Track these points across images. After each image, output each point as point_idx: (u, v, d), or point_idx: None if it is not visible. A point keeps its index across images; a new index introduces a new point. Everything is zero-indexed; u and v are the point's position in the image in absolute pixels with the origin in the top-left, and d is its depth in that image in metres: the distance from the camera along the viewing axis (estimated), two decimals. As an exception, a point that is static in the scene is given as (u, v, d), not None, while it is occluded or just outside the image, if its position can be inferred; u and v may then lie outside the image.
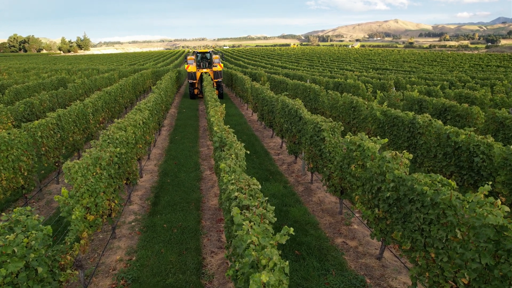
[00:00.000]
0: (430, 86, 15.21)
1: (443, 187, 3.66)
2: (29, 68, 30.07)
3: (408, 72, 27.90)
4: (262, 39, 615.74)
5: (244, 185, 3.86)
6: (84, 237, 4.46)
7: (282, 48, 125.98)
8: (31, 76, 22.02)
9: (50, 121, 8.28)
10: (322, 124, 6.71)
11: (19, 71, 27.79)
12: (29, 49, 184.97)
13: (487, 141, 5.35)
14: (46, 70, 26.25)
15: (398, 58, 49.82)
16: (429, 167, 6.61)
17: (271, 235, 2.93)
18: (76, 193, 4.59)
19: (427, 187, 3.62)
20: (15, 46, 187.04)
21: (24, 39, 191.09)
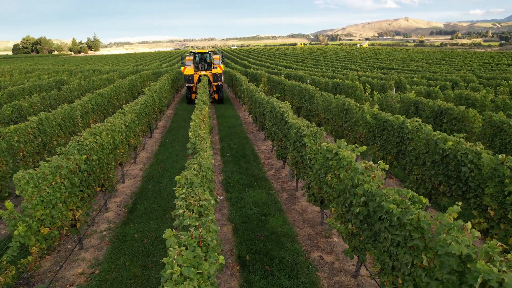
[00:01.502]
0: (432, 86, 14.65)
1: (412, 205, 3.28)
2: (32, 70, 30.30)
3: (414, 71, 27.18)
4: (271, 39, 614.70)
5: (194, 200, 3.53)
6: (33, 252, 4.20)
7: (290, 48, 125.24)
8: (31, 77, 22.07)
9: (30, 125, 8.09)
10: (303, 129, 6.34)
11: (22, 72, 27.99)
12: (41, 50, 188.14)
13: (476, 149, 4.92)
14: (48, 72, 26.36)
15: (406, 57, 48.79)
16: (418, 175, 6.18)
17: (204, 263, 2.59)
18: (27, 205, 4.34)
19: (394, 205, 3.24)
20: (28, 48, 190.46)
21: (37, 41, 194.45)
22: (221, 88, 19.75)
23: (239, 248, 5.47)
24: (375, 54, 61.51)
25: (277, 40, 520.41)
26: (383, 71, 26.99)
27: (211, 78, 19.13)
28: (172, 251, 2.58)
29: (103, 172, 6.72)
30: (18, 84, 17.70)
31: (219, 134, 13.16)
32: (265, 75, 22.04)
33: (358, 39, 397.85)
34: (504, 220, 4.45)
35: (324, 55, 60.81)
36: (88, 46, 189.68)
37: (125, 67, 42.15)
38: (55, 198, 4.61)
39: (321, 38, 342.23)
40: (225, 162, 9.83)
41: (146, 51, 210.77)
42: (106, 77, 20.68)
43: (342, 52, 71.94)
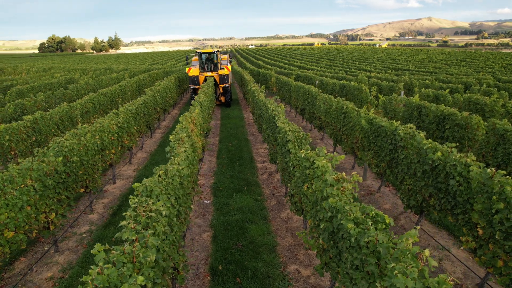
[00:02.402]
0: (443, 89, 14.01)
1: (374, 224, 2.99)
2: (49, 68, 31.12)
3: (430, 73, 26.23)
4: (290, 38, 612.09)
5: (143, 211, 3.35)
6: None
7: (307, 48, 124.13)
8: (45, 76, 22.58)
9: (23, 124, 8.15)
10: (288, 134, 6.07)
11: (39, 71, 28.74)
12: (65, 49, 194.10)
13: (465, 160, 4.53)
14: (63, 70, 26.94)
15: (424, 58, 47.27)
16: (409, 185, 5.80)
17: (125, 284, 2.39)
18: (-10, 208, 4.27)
19: (352, 225, 2.95)
20: (53, 46, 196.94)
21: (61, 40, 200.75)
22: (228, 91, 18.45)
23: (214, 257, 5.27)
24: (393, 54, 59.98)
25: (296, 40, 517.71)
26: (397, 73, 26.18)
27: (218, 80, 17.90)
28: (92, 270, 2.40)
29: (87, 173, 6.66)
30: (30, 82, 18.10)
31: (219, 136, 13.00)
32: (274, 76, 21.76)
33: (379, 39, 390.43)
34: (492, 240, 4.06)
35: (341, 56, 59.81)
36: (109, 45, 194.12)
37: (140, 65, 42.73)
38: (21, 202, 4.53)
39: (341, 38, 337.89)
40: (220, 164, 9.65)
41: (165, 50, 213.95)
42: (116, 76, 20.90)
43: (360, 53, 70.60)
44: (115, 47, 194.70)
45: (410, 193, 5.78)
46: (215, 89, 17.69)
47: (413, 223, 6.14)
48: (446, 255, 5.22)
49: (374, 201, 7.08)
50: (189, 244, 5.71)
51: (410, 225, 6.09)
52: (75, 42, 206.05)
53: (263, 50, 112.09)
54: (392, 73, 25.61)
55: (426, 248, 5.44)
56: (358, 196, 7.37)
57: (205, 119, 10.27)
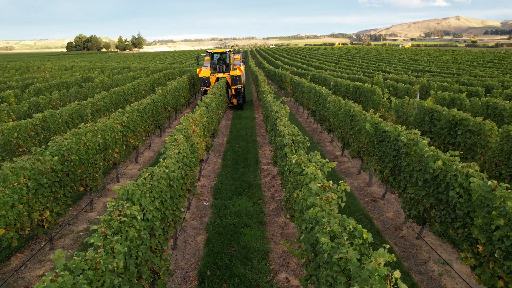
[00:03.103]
0: (463, 92, 13.38)
1: (350, 239, 2.80)
2: (71, 67, 32.10)
3: (452, 74, 25.22)
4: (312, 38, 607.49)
5: (117, 215, 3.29)
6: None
7: (327, 48, 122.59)
8: (66, 74, 23.23)
9: (32, 122, 8.35)
10: (286, 138, 5.91)
11: (61, 69, 29.66)
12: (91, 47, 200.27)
13: (467, 171, 4.24)
14: (83, 69, 27.68)
15: (448, 59, 45.57)
16: (411, 194, 5.51)
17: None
18: (-19, 205, 4.35)
19: (326, 239, 2.78)
20: (80, 45, 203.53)
21: (88, 39, 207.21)
22: (240, 93, 17.70)
23: (203, 261, 5.18)
24: (415, 55, 58.22)
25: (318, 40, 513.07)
26: (417, 74, 25.35)
27: (229, 81, 17.19)
28: (46, 277, 2.34)
29: (87, 172, 6.73)
30: (50, 81, 18.66)
31: (228, 136, 12.95)
32: (289, 76, 21.54)
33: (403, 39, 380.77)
34: (493, 258, 3.77)
35: (361, 56, 58.66)
36: (133, 44, 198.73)
37: (160, 64, 43.36)
38: (12, 200, 4.59)
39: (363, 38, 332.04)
40: (224, 166, 9.58)
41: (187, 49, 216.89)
42: (132, 75, 21.24)
43: (381, 53, 69.00)
44: (138, 46, 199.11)
45: (412, 202, 5.50)
46: (227, 91, 17.14)
47: (415, 233, 5.85)
48: (447, 270, 4.92)
49: (377, 209, 6.80)
50: (181, 246, 5.66)
51: (412, 235, 5.80)
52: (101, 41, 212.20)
53: (283, 50, 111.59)
54: (412, 75, 24.83)
55: (427, 261, 5.18)
56: (362, 203, 7.11)
57: (211, 120, 10.22)
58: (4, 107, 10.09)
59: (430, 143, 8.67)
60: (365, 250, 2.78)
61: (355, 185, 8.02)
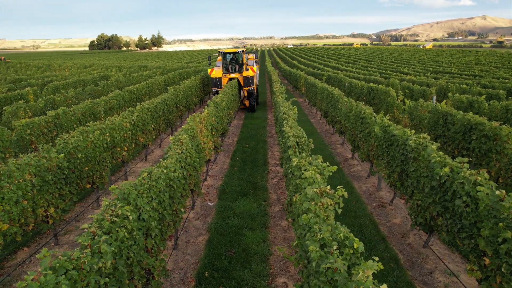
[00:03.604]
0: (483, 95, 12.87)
1: (341, 249, 2.70)
2: (90, 65, 32.88)
3: (474, 76, 24.36)
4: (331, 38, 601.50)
5: (109, 215, 3.29)
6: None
7: (346, 48, 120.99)
8: (84, 72, 23.76)
9: (45, 119, 8.55)
10: (290, 140, 5.81)
11: (80, 67, 30.41)
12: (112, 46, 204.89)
13: (475, 178, 4.03)
14: (101, 67, 28.27)
15: (471, 60, 44.05)
16: (418, 200, 5.32)
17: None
18: (-14, 200, 4.46)
19: (314, 247, 2.68)
20: (102, 44, 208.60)
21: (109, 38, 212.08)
22: (253, 94, 17.02)
23: (202, 263, 5.16)
24: (436, 56, 56.63)
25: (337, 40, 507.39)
26: (437, 76, 24.62)
27: (242, 82, 16.60)
28: (28, 275, 2.35)
29: (94, 169, 6.83)
30: (68, 78, 19.14)
31: (238, 136, 12.92)
32: (303, 77, 21.35)
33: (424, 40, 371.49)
34: (500, 272, 3.57)
35: (380, 57, 57.55)
36: (152, 43, 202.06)
37: (177, 63, 43.85)
38: (16, 196, 4.69)
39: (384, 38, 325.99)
40: (232, 166, 9.55)
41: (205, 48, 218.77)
42: (148, 74, 21.53)
43: (401, 54, 67.49)
44: (158, 44, 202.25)
45: (418, 209, 5.30)
46: (239, 92, 16.68)
47: (422, 241, 5.64)
48: (453, 282, 4.72)
49: (384, 214, 6.61)
50: (182, 247, 5.65)
51: (419, 244, 5.59)
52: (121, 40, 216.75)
53: (301, 49, 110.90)
54: (431, 76, 24.15)
55: (433, 271, 4.98)
56: (369, 208, 6.93)
57: (220, 120, 10.21)
58: (21, 104, 10.39)
59: (443, 147, 8.39)
60: (356, 260, 2.68)
61: (363, 189, 7.83)
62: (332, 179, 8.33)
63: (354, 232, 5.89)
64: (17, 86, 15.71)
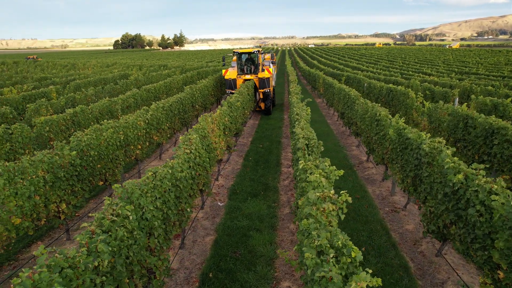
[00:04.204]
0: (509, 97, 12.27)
1: (339, 257, 2.60)
2: (113, 64, 33.74)
3: (503, 77, 23.30)
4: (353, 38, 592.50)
5: (110, 214, 3.32)
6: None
7: (368, 48, 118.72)
8: (105, 71, 24.36)
9: (63, 117, 8.81)
10: (299, 141, 5.72)
11: (103, 66, 31.22)
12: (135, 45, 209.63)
13: (491, 187, 3.82)
14: (123, 66, 28.92)
15: (501, 61, 42.16)
16: (431, 207, 5.11)
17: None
18: (1, 195, 4.62)
19: (309, 254, 2.60)
20: (126, 43, 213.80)
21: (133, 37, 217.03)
22: (269, 96, 16.12)
23: (207, 263, 5.15)
24: (462, 56, 54.63)
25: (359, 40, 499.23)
26: (462, 76, 23.73)
27: (257, 83, 15.76)
28: (23, 272, 2.39)
29: (107, 167, 6.97)
30: (90, 77, 19.68)
31: (253, 136, 12.89)
32: (322, 77, 21.08)
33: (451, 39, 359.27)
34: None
35: (403, 57, 56.10)
36: (175, 42, 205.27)
37: (198, 62, 44.33)
38: (28, 191, 4.83)
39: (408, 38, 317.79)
40: (244, 166, 9.53)
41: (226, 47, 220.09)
42: (167, 73, 21.83)
43: (425, 54, 65.56)
44: (180, 44, 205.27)
45: (431, 216, 5.10)
46: (255, 94, 16.02)
47: (435, 250, 5.42)
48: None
49: (397, 220, 6.40)
50: (189, 246, 5.67)
51: (432, 252, 5.38)
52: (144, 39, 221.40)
53: (322, 49, 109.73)
54: (456, 77, 23.29)
55: (445, 281, 4.77)
56: (382, 213, 6.74)
57: (234, 120, 10.20)
58: (43, 102, 10.75)
59: (463, 152, 8.05)
60: (354, 269, 2.58)
61: (377, 193, 7.62)
62: (345, 182, 8.17)
63: (363, 237, 5.74)
64: (42, 84, 16.29)
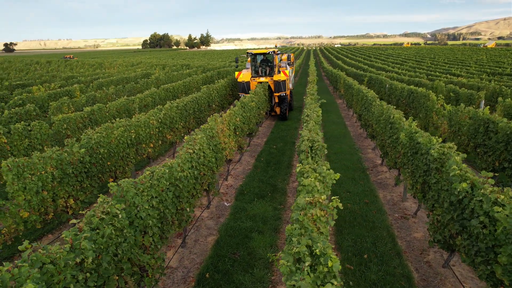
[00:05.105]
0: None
1: (316, 266, 2.52)
2: (138, 63, 34.68)
3: (538, 80, 21.93)
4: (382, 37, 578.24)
5: (100, 212, 3.39)
6: (3, 232, 4.68)
7: (395, 47, 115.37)
8: (129, 70, 25.03)
9: (80, 115, 9.13)
10: (303, 144, 5.63)
11: (128, 65, 32.12)
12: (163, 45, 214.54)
13: (496, 197, 3.59)
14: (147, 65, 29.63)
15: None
16: (438, 215, 4.87)
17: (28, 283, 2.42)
18: (9, 190, 4.85)
19: (284, 261, 2.54)
20: (154, 43, 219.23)
21: (161, 37, 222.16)
22: (285, 100, 14.91)
23: (206, 263, 5.17)
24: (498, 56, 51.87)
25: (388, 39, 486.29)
26: (494, 78, 22.54)
27: (272, 87, 14.58)
28: (3, 266, 2.48)
29: (117, 164, 7.15)
30: (115, 76, 20.30)
31: (268, 137, 12.84)
32: (343, 77, 20.70)
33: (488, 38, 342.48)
34: (516, 304, 3.15)
35: (432, 57, 54.06)
36: (201, 42, 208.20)
37: (221, 62, 44.69)
38: (36, 187, 5.04)
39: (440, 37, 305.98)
40: (255, 167, 9.50)
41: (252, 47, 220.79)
42: (188, 72, 22.16)
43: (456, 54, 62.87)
44: (206, 43, 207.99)
45: (438, 225, 4.86)
46: (270, 98, 15.04)
47: (443, 260, 5.17)
48: (472, 308, 4.25)
49: (405, 227, 6.17)
50: (191, 245, 5.72)
51: (438, 262, 5.13)
52: (172, 39, 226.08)
53: (348, 49, 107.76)
54: (487, 79, 22.17)
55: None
56: (390, 219, 6.51)
57: (247, 120, 10.19)
58: (65, 100, 11.20)
59: (482, 158, 7.64)
60: (331, 279, 2.49)
61: (387, 198, 7.38)
62: (355, 185, 7.97)
63: (367, 244, 5.57)
64: (68, 83, 16.99)
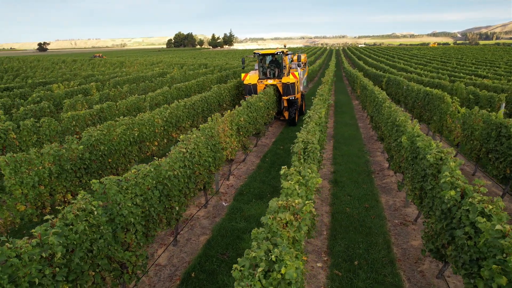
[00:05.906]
0: None
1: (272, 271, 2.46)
2: (158, 62, 35.36)
3: None
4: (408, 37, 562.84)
5: (75, 208, 3.46)
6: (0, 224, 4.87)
7: (422, 48, 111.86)
8: (147, 69, 25.55)
9: (90, 113, 9.39)
10: (295, 146, 5.55)
11: (147, 64, 32.81)
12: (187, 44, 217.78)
13: (483, 207, 3.39)
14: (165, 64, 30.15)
15: None
16: (432, 224, 4.66)
17: None
18: (7, 184, 5.04)
19: (237, 265, 2.49)
20: (178, 42, 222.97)
21: (185, 36, 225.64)
22: (294, 104, 13.95)
23: (194, 263, 5.18)
24: (531, 57, 49.24)
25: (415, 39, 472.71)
26: (522, 80, 21.37)
27: (280, 89, 13.58)
28: None
29: (119, 161, 7.30)
30: (130, 75, 20.77)
31: (277, 137, 12.76)
32: (360, 78, 20.29)
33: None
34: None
35: (459, 57, 52.02)
36: (224, 41, 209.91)
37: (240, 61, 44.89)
38: (32, 181, 5.21)
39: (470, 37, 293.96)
40: (259, 167, 9.46)
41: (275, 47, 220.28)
42: (204, 72, 22.36)
43: (486, 54, 60.23)
44: (229, 43, 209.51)
45: (432, 233, 4.66)
46: (279, 101, 14.13)
47: (438, 270, 4.94)
48: (461, 323, 4.05)
49: (404, 234, 5.95)
50: (182, 244, 5.75)
51: (433, 272, 4.92)
52: (196, 38, 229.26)
53: (372, 49, 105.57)
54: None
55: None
56: (389, 225, 6.30)
57: (253, 119, 10.15)
58: (79, 97, 11.56)
59: (494, 164, 7.26)
60: (285, 286, 2.43)
61: (389, 203, 7.15)
62: (357, 189, 7.78)
63: (360, 250, 5.41)
64: (87, 81, 17.55)
